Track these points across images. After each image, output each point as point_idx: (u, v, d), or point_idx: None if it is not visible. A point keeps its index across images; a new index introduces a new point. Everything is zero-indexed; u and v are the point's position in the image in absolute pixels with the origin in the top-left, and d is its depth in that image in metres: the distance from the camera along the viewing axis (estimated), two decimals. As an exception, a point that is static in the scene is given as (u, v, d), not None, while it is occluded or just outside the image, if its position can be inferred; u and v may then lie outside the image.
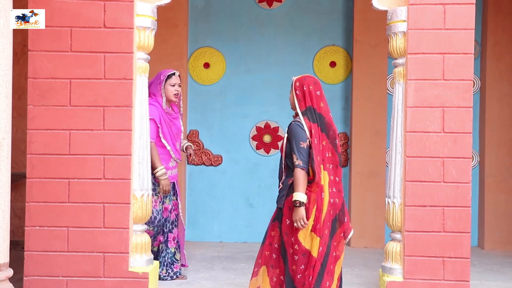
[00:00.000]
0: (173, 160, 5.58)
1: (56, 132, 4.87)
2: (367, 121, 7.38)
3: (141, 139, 4.99)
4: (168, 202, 5.58)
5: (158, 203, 5.47)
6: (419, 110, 4.91)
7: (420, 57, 4.91)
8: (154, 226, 5.46)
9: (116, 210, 4.86)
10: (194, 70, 7.63)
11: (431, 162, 4.89)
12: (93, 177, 4.86)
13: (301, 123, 4.33)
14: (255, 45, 7.61)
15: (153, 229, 5.45)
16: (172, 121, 5.56)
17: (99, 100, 4.87)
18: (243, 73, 7.62)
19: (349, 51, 7.60)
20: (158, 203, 5.47)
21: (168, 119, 5.53)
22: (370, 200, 7.35)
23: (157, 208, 5.44)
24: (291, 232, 4.30)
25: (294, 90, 4.42)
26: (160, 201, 5.49)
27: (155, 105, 5.42)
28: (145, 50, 5.01)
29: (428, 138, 4.90)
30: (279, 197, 4.40)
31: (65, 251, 4.85)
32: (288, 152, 4.36)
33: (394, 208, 4.98)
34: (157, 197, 5.46)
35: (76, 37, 4.86)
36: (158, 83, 5.53)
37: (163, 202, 5.53)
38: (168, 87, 5.53)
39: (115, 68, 4.86)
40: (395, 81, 5.04)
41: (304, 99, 4.38)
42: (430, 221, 4.88)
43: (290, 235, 4.31)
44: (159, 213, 5.47)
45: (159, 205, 5.49)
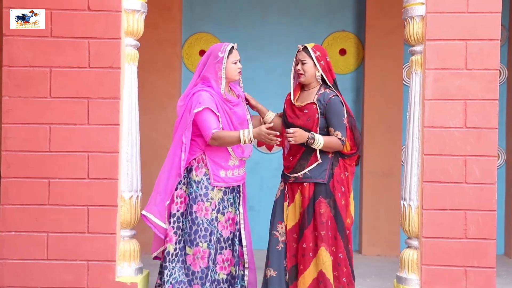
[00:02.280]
0: (234, 158, 4.89)
1: (35, 127, 4.86)
2: (380, 115, 7.40)
3: (129, 135, 4.98)
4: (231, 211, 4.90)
5: (211, 211, 4.81)
6: (439, 103, 4.91)
7: (440, 44, 4.90)
8: (208, 241, 4.78)
9: (101, 214, 4.85)
10: (188, 58, 7.62)
11: (451, 161, 4.89)
12: (76, 177, 4.86)
13: (340, 98, 4.73)
14: (256, 31, 7.61)
15: (207, 246, 4.77)
16: (232, 109, 4.85)
17: (82, 91, 4.86)
18: (243, 61, 7.39)
19: (360, 38, 7.60)
20: (210, 211, 4.81)
21: (227, 107, 4.82)
22: (383, 202, 7.36)
23: (208, 217, 4.79)
24: (345, 207, 4.74)
25: (318, 61, 4.69)
26: (214, 208, 4.82)
27: (209, 91, 4.77)
28: (134, 35, 5.00)
29: (449, 134, 4.90)
30: (317, 172, 4.70)
31: (45, 259, 4.84)
32: (322, 126, 4.69)
33: (410, 212, 4.98)
34: (210, 203, 4.81)
35: (57, 21, 4.84)
36: (215, 63, 4.82)
37: (218, 211, 4.84)
38: (230, 66, 4.83)
39: (100, 56, 4.86)
40: (412, 71, 5.03)
41: (330, 70, 4.75)
42: (451, 226, 4.88)
43: (345, 209, 4.73)
44: (212, 225, 4.79)
45: (212, 214, 4.82)
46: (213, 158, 4.80)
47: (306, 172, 4.72)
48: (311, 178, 4.71)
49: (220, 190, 4.82)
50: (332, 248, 4.68)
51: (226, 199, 4.85)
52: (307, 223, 4.68)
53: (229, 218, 4.87)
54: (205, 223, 4.75)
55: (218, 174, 4.80)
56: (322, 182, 4.70)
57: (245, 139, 4.68)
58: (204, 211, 4.76)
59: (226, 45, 4.85)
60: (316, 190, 4.70)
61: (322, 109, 4.70)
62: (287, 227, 4.78)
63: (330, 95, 4.73)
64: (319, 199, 4.69)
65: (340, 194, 4.73)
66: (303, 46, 4.79)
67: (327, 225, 4.67)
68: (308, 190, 4.71)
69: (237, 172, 4.88)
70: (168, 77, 7.43)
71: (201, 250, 4.73)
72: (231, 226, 4.89)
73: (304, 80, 4.78)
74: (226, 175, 4.83)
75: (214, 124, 4.71)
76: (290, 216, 4.79)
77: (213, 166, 4.80)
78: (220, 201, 4.81)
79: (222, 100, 4.78)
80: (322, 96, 4.74)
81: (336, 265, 4.69)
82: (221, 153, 4.81)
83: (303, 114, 4.73)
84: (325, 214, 4.67)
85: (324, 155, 4.72)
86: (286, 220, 4.79)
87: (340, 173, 4.75)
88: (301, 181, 4.74)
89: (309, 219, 4.68)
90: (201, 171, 4.80)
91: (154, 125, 7.31)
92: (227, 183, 4.83)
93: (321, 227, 4.65)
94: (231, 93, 4.95)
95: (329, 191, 4.70)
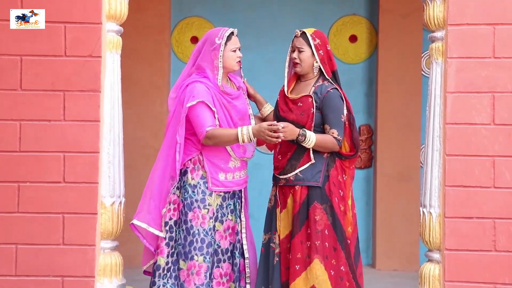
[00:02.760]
0: (235, 159, 4.88)
1: (3, 123, 4.86)
2: (396, 111, 7.43)
3: (112, 133, 4.97)
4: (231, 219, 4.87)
5: (208, 219, 4.78)
6: (463, 96, 4.90)
7: (464, 29, 4.89)
8: (204, 254, 4.74)
9: (79, 223, 4.84)
10: (179, 45, 7.65)
11: (477, 162, 4.88)
12: (50, 181, 4.85)
13: (340, 92, 4.71)
14: (255, 15, 7.66)
15: (203, 259, 4.74)
16: (230, 103, 4.82)
17: (58, 83, 4.86)
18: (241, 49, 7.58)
19: (373, 22, 7.64)
20: (208, 220, 4.78)
21: (225, 100, 4.79)
22: (400, 210, 7.39)
23: (204, 226, 4.76)
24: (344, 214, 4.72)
25: (317, 50, 4.74)
26: (212, 216, 4.78)
27: (204, 83, 4.75)
28: (117, 20, 5.00)
29: (474, 131, 4.89)
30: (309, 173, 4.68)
31: (13, 275, 4.83)
32: (317, 123, 4.69)
33: (431, 221, 4.97)
34: (207, 210, 4.76)
35: (28, 2, 4.84)
36: (211, 50, 4.79)
37: (216, 219, 4.81)
38: (228, 54, 4.80)
39: (78, 43, 4.86)
40: (432, 60, 5.03)
41: (330, 60, 4.76)
42: (478, 237, 4.87)
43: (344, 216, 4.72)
44: (209, 234, 4.76)
45: (209, 222, 4.78)
46: (211, 159, 4.78)
47: (297, 174, 4.71)
48: (303, 180, 4.70)
49: (219, 196, 4.80)
50: (332, 261, 4.66)
51: (225, 205, 4.84)
52: (297, 231, 4.67)
53: (228, 227, 4.85)
54: (201, 233, 4.72)
55: (216, 177, 4.77)
56: (316, 185, 4.68)
57: (243, 137, 4.66)
58: (200, 219, 4.73)
59: (225, 30, 4.84)
60: (310, 194, 4.69)
61: (318, 103, 4.71)
62: (280, 236, 4.77)
63: (329, 87, 4.73)
64: (314, 204, 4.67)
65: (337, 199, 4.71)
66: (301, 31, 4.81)
67: (323, 234, 4.65)
68: (300, 194, 4.70)
69: (238, 175, 4.87)
70: (156, 67, 7.46)
71: (196, 264, 4.70)
72: (231, 236, 4.87)
73: (300, 71, 4.82)
74: (226, 178, 4.80)
75: (209, 121, 4.68)
76: (284, 224, 4.77)
77: (211, 168, 4.77)
78: (218, 207, 4.80)
79: (220, 92, 4.77)
80: (320, 88, 4.75)
81: (338, 280, 4.65)
82: (220, 153, 4.79)
83: (297, 108, 4.73)
84: (321, 222, 4.65)
85: (319, 154, 4.72)
86: (279, 229, 4.76)
87: (337, 175, 4.75)
88: (293, 183, 4.73)
89: (299, 227, 4.67)
90: (197, 173, 4.77)
91: (139, 121, 7.33)
92: (227, 188, 4.81)
93: (316, 237, 4.63)
94: (231, 84, 4.94)
95: (325, 196, 4.69)
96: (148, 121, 7.35)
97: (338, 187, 4.72)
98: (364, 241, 7.60)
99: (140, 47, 7.35)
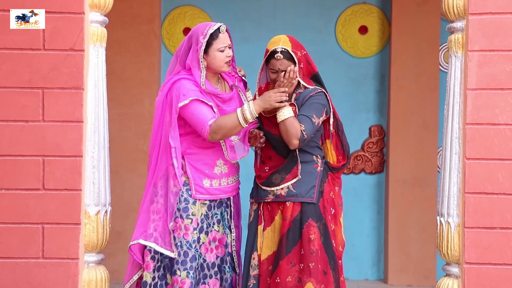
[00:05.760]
0: (221, 165, 4.87)
1: (-24, 124, 4.87)
2: (411, 110, 7.45)
3: (96, 134, 4.97)
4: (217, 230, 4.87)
5: (192, 230, 4.79)
6: (485, 93, 4.91)
7: (487, 19, 4.89)
8: (187, 269, 4.74)
9: (60, 234, 4.84)
10: (170, 37, 7.69)
11: (501, 167, 4.89)
12: (28, 187, 4.85)
13: (326, 96, 4.75)
14: (254, 4, 7.67)
15: (186, 275, 4.74)
16: (219, 107, 4.82)
17: (36, 80, 4.86)
18: (238, 42, 7.56)
19: (386, 12, 7.65)
20: (191, 231, 4.78)
21: (214, 103, 4.80)
22: (414, 219, 7.42)
23: (188, 238, 4.76)
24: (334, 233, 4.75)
25: (299, 63, 4.71)
26: (196, 227, 4.79)
27: (191, 80, 4.75)
28: (101, 9, 5.00)
29: (498, 132, 4.90)
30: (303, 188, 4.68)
31: (-12, 292, 4.84)
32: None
33: (449, 231, 4.98)
34: (190, 220, 4.77)
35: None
36: (195, 50, 4.77)
37: (201, 230, 4.82)
38: (214, 54, 4.74)
39: (58, 35, 4.86)
40: (451, 53, 5.03)
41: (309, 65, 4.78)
42: (501, 249, 4.87)
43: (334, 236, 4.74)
44: (192, 247, 4.76)
45: (193, 234, 4.78)
46: (194, 164, 4.80)
47: (289, 189, 4.71)
48: (297, 196, 4.70)
49: (204, 204, 4.81)
50: (322, 286, 4.65)
51: (211, 215, 4.85)
52: (286, 252, 4.65)
53: (214, 239, 4.86)
54: (184, 245, 4.73)
55: (200, 183, 4.79)
56: (311, 201, 4.68)
57: (245, 114, 4.64)
58: (183, 230, 4.75)
59: (210, 26, 4.78)
60: (304, 211, 4.68)
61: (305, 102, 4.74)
62: (262, 257, 4.76)
63: (312, 92, 4.74)
64: (308, 222, 4.67)
65: (330, 217, 4.75)
66: (282, 48, 4.72)
67: (317, 255, 4.65)
68: (292, 210, 4.70)
69: (225, 181, 4.87)
70: (145, 62, 7.47)
71: (179, 280, 4.72)
72: (218, 249, 4.88)
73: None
74: (210, 185, 4.82)
75: (209, 114, 4.68)
76: (266, 244, 4.76)
77: (194, 173, 4.79)
78: (203, 217, 4.80)
79: (206, 93, 4.76)
80: (302, 94, 4.76)
81: None
82: (204, 157, 4.81)
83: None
84: (315, 242, 4.65)
85: (313, 168, 4.74)
86: (259, 248, 4.76)
87: (329, 191, 4.79)
88: (284, 199, 4.73)
89: (289, 247, 4.65)
90: (179, 180, 4.77)
91: (127, 122, 7.33)
92: (212, 195, 4.82)
93: (310, 258, 4.63)
94: (222, 85, 4.94)
95: (319, 213, 4.70)
96: (136, 122, 7.35)
97: (331, 204, 4.76)
98: (375, 254, 7.62)
99: (127, 40, 7.36)
